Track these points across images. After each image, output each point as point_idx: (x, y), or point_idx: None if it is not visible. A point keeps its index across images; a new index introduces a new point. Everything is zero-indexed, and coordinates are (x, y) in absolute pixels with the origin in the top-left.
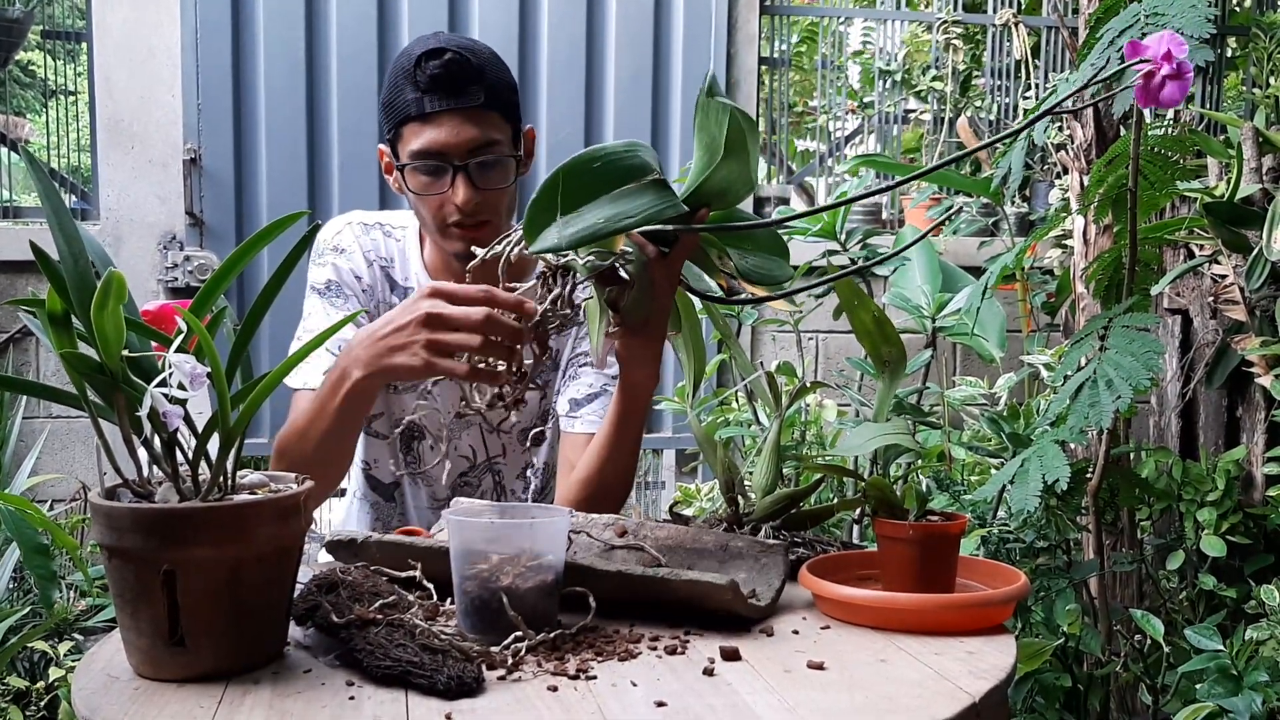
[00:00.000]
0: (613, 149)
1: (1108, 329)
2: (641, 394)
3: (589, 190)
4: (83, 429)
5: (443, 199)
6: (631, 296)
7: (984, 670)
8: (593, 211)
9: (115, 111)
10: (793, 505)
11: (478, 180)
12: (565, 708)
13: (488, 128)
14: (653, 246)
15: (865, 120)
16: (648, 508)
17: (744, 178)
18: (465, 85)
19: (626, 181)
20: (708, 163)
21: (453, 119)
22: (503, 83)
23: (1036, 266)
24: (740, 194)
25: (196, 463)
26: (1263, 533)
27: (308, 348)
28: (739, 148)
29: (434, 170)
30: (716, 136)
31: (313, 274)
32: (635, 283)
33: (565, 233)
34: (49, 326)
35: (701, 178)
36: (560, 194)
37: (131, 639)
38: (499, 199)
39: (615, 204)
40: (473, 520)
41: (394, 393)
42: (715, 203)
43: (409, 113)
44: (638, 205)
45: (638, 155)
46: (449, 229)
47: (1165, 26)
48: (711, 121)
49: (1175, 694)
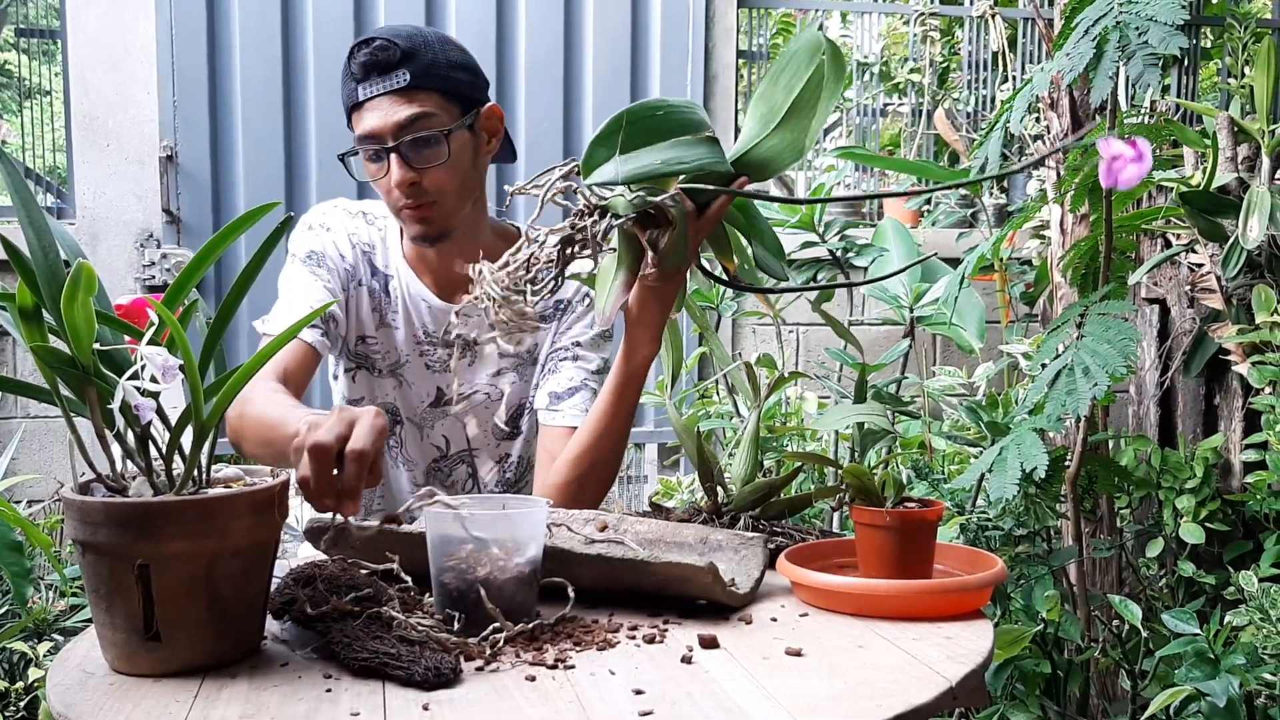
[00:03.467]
0: (675, 102)
1: (1084, 317)
2: (642, 359)
3: (648, 135)
4: (60, 428)
5: (388, 183)
6: (672, 239)
7: (961, 655)
8: (650, 154)
9: (91, 109)
10: (771, 495)
11: (412, 159)
12: (543, 697)
13: (418, 104)
14: (691, 204)
15: (844, 114)
16: (630, 502)
17: (796, 145)
18: (390, 68)
19: (683, 133)
20: (758, 132)
21: (382, 101)
22: (439, 62)
23: (1015, 257)
24: (785, 163)
25: (170, 456)
26: (1241, 519)
27: (278, 342)
28: (806, 107)
29: (376, 155)
30: (778, 102)
31: (294, 244)
32: (676, 226)
33: (623, 168)
34: (20, 321)
35: (749, 147)
36: (622, 134)
37: (106, 634)
38: (440, 177)
39: (672, 149)
40: (450, 511)
41: (377, 376)
42: (755, 173)
43: (350, 103)
44: (693, 154)
45: (695, 112)
46: (400, 212)
47: (1139, 14)
48: (780, 84)
49: (1154, 678)
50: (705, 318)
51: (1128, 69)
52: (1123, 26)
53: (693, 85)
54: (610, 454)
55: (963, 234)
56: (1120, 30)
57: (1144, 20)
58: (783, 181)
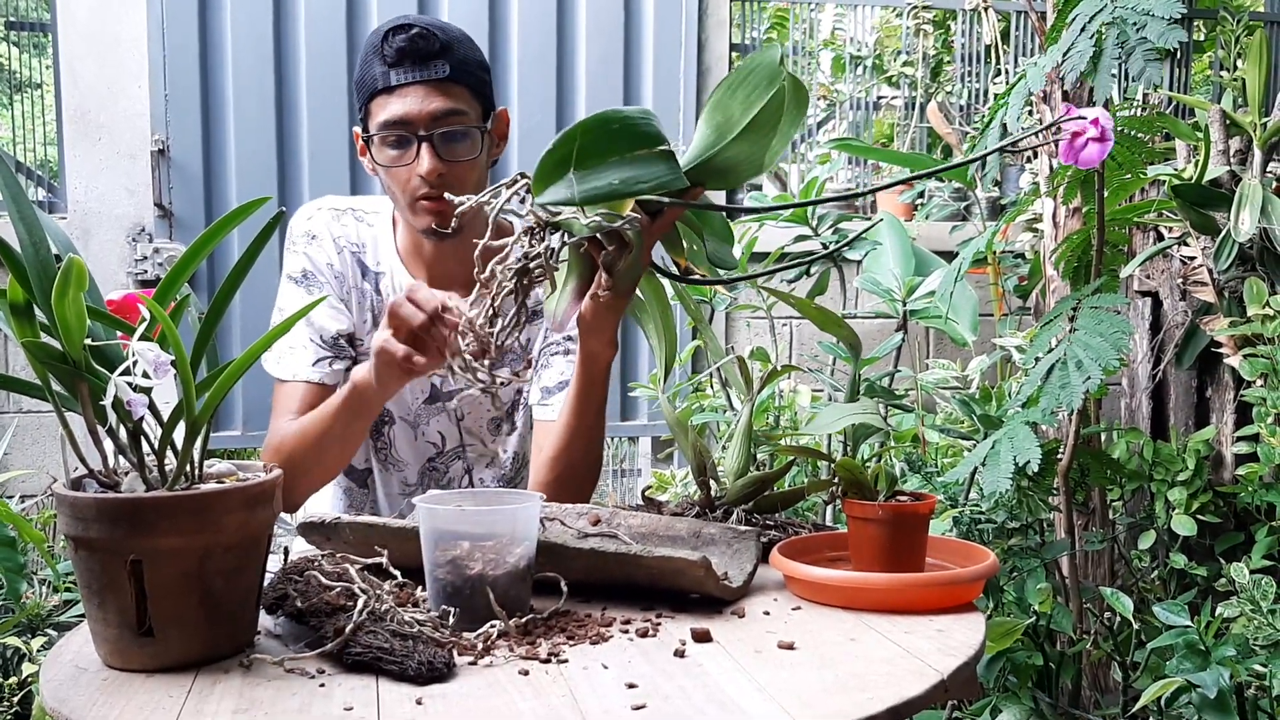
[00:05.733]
0: (630, 114)
1: (1076, 310)
2: (602, 363)
3: (604, 150)
4: (53, 423)
5: (409, 171)
6: (628, 261)
7: (953, 648)
8: (608, 172)
9: (82, 103)
10: (764, 488)
11: (442, 151)
12: (536, 691)
13: (453, 99)
14: (645, 215)
15: (837, 107)
16: (623, 495)
17: (754, 160)
18: (430, 58)
19: (640, 147)
20: (714, 141)
21: (417, 90)
22: (471, 60)
23: (1008, 250)
24: (744, 176)
25: (162, 452)
26: (1233, 511)
27: (280, 329)
28: (765, 126)
29: (400, 141)
30: (735, 115)
31: (288, 263)
32: (633, 248)
33: (580, 188)
34: (10, 316)
35: (707, 154)
36: (576, 150)
37: (99, 630)
38: (465, 172)
39: (630, 168)
40: (444, 507)
41: None
42: (714, 180)
43: (376, 86)
44: (651, 173)
45: (651, 124)
46: (416, 203)
47: (1135, 9)
48: (737, 98)
49: (1145, 670)
50: (699, 311)
51: (1128, 65)
52: (1120, 22)
53: (685, 78)
54: (582, 458)
55: (955, 227)
56: (1117, 26)
57: (1141, 15)
58: (777, 175)
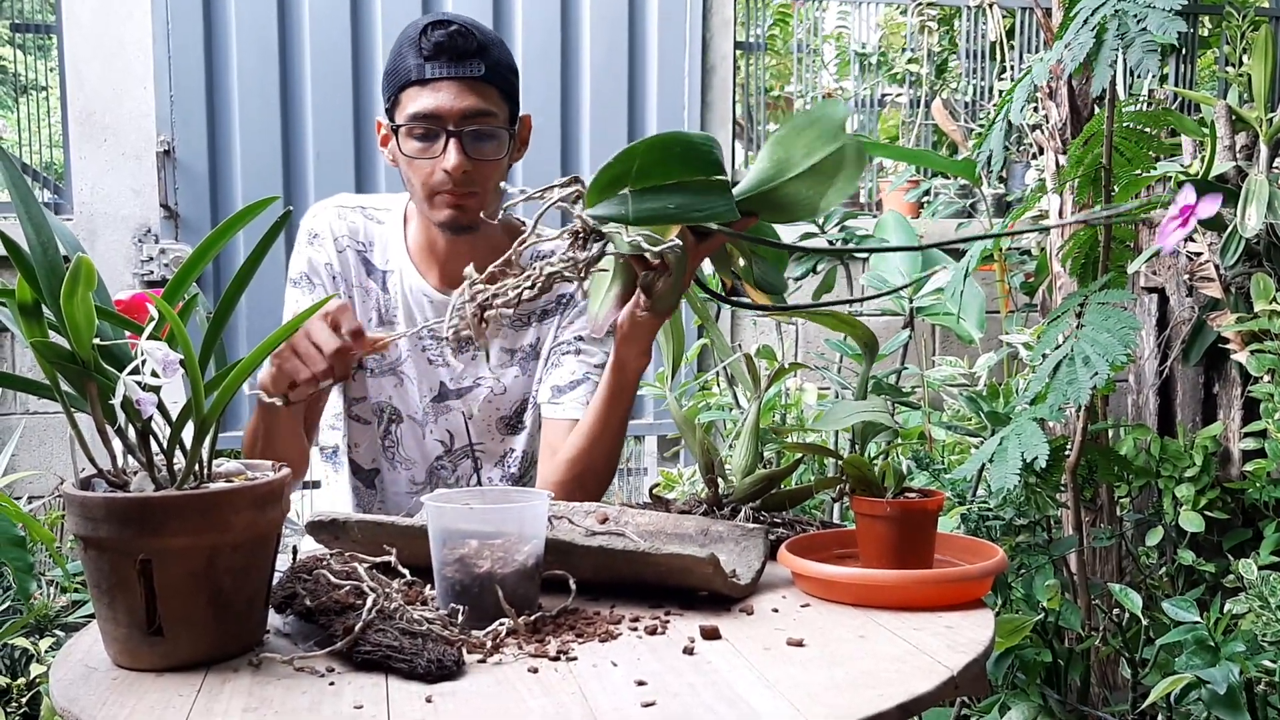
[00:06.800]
0: (693, 137)
1: (1083, 306)
2: (632, 372)
3: (663, 172)
4: (60, 424)
5: (433, 164)
6: (668, 284)
7: (962, 644)
8: (664, 196)
9: (87, 104)
10: (772, 486)
11: (470, 149)
12: (546, 689)
13: (485, 99)
14: (692, 237)
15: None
16: (630, 494)
17: (811, 203)
18: (467, 56)
19: (698, 173)
20: (773, 175)
21: (451, 86)
22: (504, 63)
23: (1014, 247)
24: (799, 215)
25: (171, 451)
26: (1240, 507)
27: (278, 335)
28: (824, 174)
29: (427, 135)
30: (796, 156)
31: (291, 264)
32: (673, 271)
33: (635, 206)
34: (19, 316)
35: (764, 187)
36: (635, 168)
37: (109, 629)
38: (489, 171)
39: (687, 195)
40: (452, 505)
41: (372, 376)
42: (769, 213)
43: (409, 78)
44: (707, 202)
45: (714, 152)
46: (436, 196)
47: (1137, 1)
48: (800, 141)
49: (1154, 666)
50: (706, 309)
51: (1127, 56)
52: (1121, 14)
53: (690, 77)
54: (603, 461)
55: (962, 224)
56: (1119, 18)
57: (1142, 7)
58: None
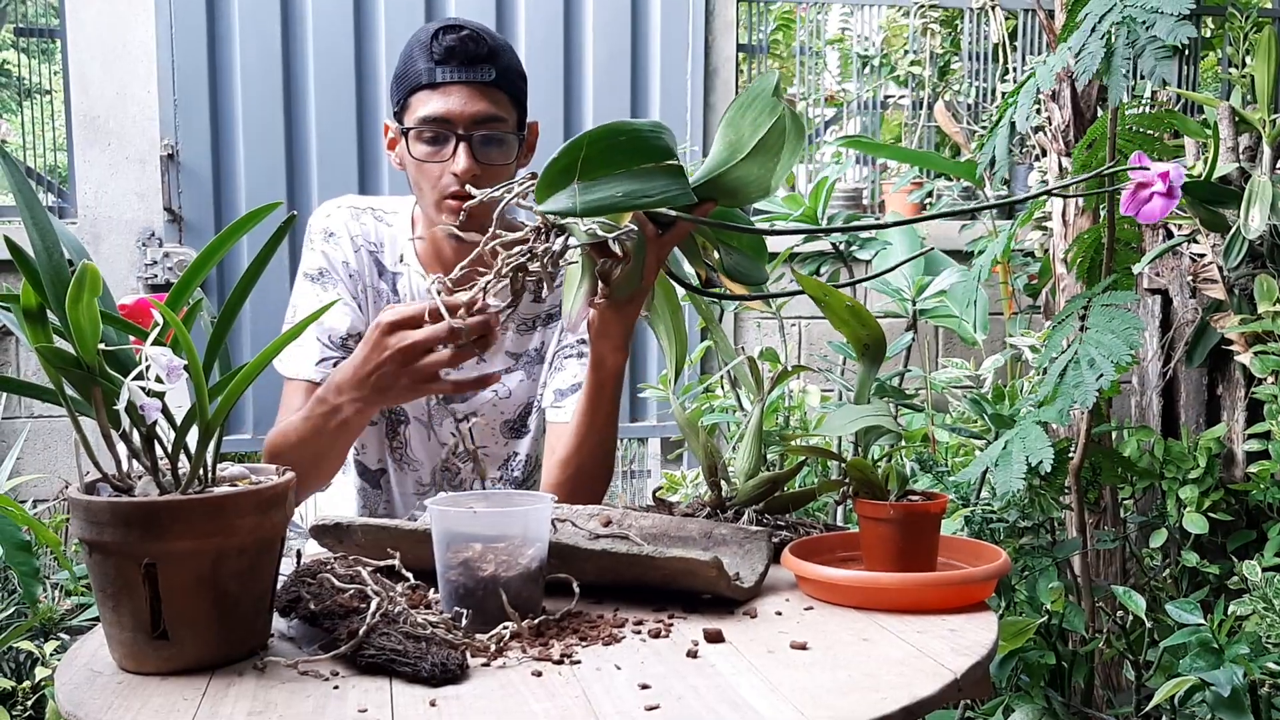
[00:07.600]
0: (639, 125)
1: (1088, 308)
2: (610, 368)
3: (610, 161)
4: (64, 428)
5: (442, 168)
6: (625, 272)
7: (966, 647)
8: (612, 184)
9: (91, 108)
10: (775, 489)
11: (479, 153)
12: (550, 692)
13: (495, 104)
14: (652, 226)
15: (844, 106)
16: (633, 496)
17: (761, 182)
18: (478, 61)
19: (647, 160)
20: (726, 159)
21: (462, 90)
22: (514, 69)
23: (1018, 249)
24: (753, 197)
25: (176, 455)
26: (1244, 509)
27: (291, 333)
28: (771, 150)
29: (437, 138)
30: (745, 136)
31: (305, 260)
32: (631, 259)
33: (582, 198)
34: (24, 322)
35: (717, 171)
36: (581, 160)
37: (114, 633)
38: (497, 176)
39: (634, 181)
40: (455, 509)
41: None
42: (724, 198)
43: (420, 81)
44: (655, 187)
45: (661, 137)
46: (444, 201)
47: (1144, 6)
48: (746, 119)
49: (1158, 669)
50: (710, 311)
51: (1139, 64)
52: (1129, 21)
53: (693, 80)
54: (591, 460)
55: (965, 226)
56: (1127, 25)
57: (1149, 13)
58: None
